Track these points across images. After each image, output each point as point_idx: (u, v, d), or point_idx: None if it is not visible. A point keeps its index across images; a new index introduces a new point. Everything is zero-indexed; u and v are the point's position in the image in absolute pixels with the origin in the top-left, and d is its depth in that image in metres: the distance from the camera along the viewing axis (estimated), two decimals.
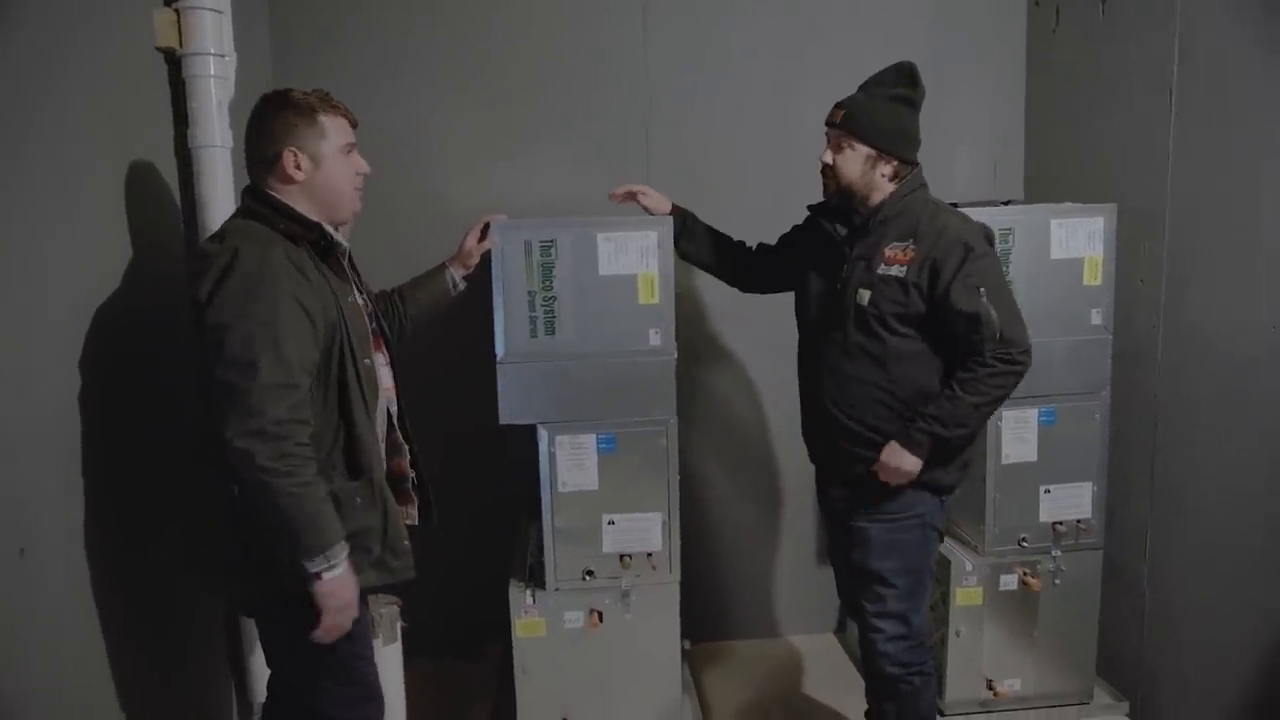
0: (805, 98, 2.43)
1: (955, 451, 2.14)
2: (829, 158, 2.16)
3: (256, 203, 1.76)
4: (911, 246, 2.09)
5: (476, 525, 2.94)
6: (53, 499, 1.70)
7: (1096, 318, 2.52)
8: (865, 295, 2.11)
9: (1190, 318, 2.48)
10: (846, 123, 2.12)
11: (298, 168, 1.75)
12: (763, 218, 2.54)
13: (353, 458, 1.79)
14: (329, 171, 1.79)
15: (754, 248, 2.53)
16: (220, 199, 2.25)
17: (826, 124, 2.18)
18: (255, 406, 1.56)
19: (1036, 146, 3.17)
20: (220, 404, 1.58)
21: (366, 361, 1.83)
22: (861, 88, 2.16)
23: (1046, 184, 3.11)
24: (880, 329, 2.10)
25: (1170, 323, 2.55)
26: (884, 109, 2.12)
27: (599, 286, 2.33)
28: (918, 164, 2.19)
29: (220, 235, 1.72)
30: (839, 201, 2.19)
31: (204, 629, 2.35)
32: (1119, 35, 2.70)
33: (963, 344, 2.07)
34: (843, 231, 2.21)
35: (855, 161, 2.12)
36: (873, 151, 2.11)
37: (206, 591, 2.19)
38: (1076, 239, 2.49)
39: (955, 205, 2.45)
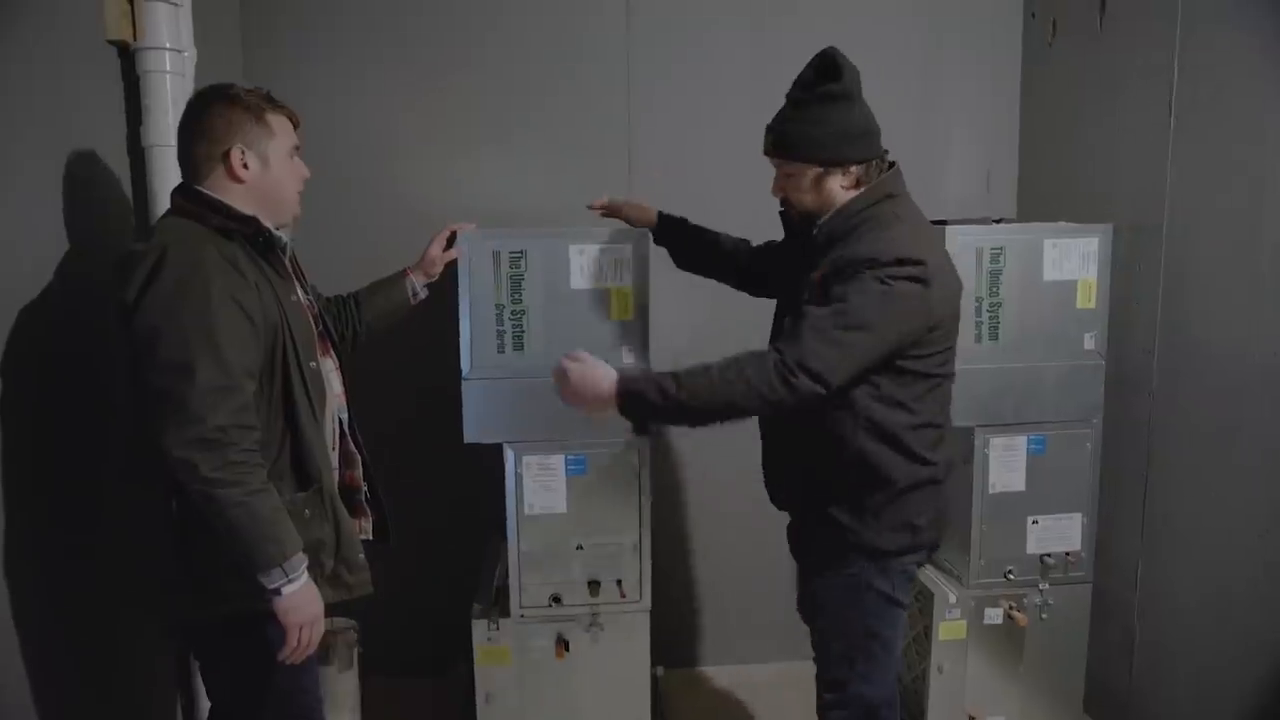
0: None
1: (655, 415, 1.83)
2: (778, 191, 1.90)
3: (187, 200, 1.66)
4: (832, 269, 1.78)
5: (440, 541, 2.83)
6: None
7: (1089, 342, 2.43)
8: (785, 325, 1.87)
9: (1187, 341, 2.39)
10: (778, 148, 1.85)
11: (245, 167, 1.67)
12: (749, 218, 2.43)
13: (300, 466, 1.69)
14: (276, 173, 1.71)
15: (752, 249, 2.29)
16: None
17: (764, 153, 1.90)
18: (194, 413, 1.46)
19: (1030, 161, 3.08)
20: (156, 412, 1.48)
21: (312, 364, 1.74)
22: (787, 97, 1.86)
23: (1040, 199, 3.01)
24: None
25: (1165, 346, 2.45)
26: (811, 115, 1.80)
27: (570, 300, 2.23)
28: (882, 161, 1.85)
29: (149, 236, 1.63)
30: (801, 224, 1.91)
31: (146, 653, 2.23)
32: (1117, 48, 2.60)
33: (783, 330, 1.83)
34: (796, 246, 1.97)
35: (804, 185, 1.84)
36: (817, 169, 1.81)
37: (146, 614, 2.07)
38: (1070, 260, 2.39)
39: (944, 223, 2.37)
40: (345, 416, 1.90)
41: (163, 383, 1.48)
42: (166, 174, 2.13)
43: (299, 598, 1.57)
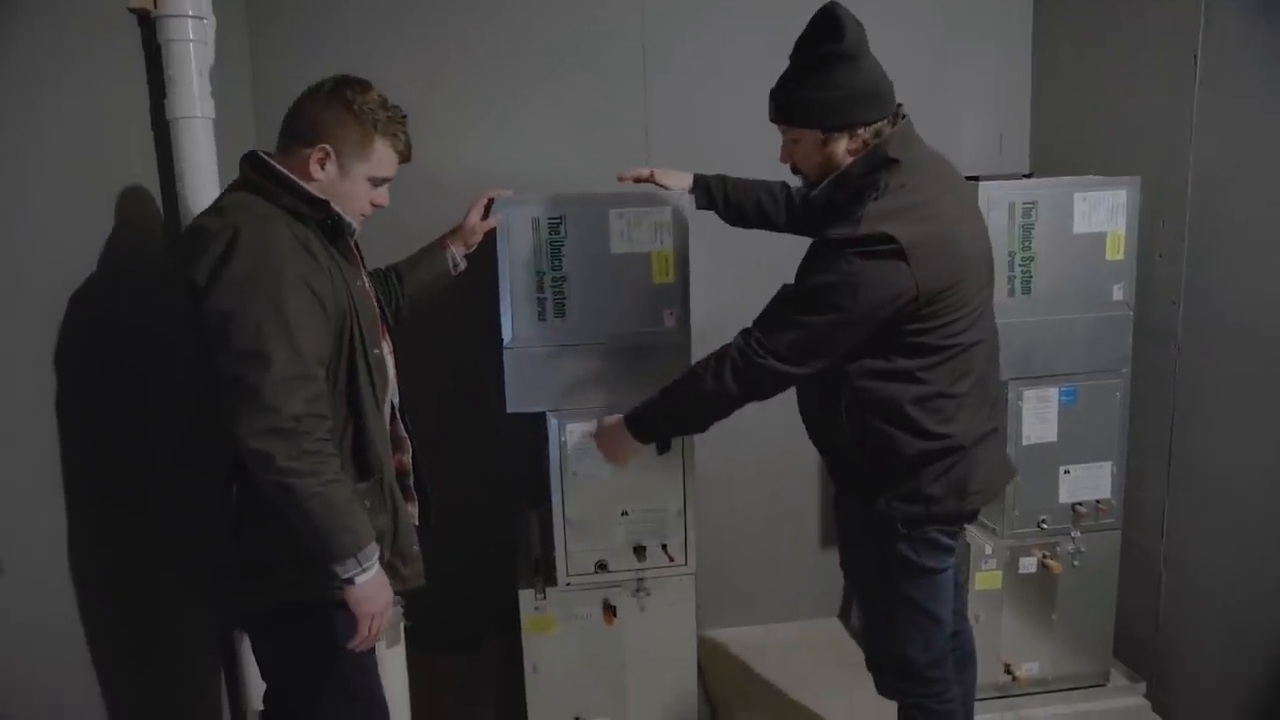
0: None
1: (662, 428, 1.94)
2: (785, 158, 1.87)
3: (258, 174, 1.60)
4: None
5: (472, 514, 2.81)
6: (30, 507, 1.55)
7: (1118, 293, 2.46)
8: None
9: (1211, 293, 2.43)
10: (780, 114, 1.81)
11: (321, 168, 1.62)
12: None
13: (361, 456, 1.66)
14: (348, 188, 1.65)
15: (801, 193, 2.21)
16: (203, 174, 2.09)
17: (770, 119, 1.87)
18: (269, 402, 1.42)
19: (1044, 117, 3.09)
20: (230, 400, 1.43)
21: (376, 351, 1.71)
22: (790, 59, 1.80)
23: (1055, 156, 3.03)
24: None
25: (1190, 299, 2.49)
26: (813, 80, 1.73)
27: (611, 265, 2.21)
28: (890, 117, 1.77)
29: (217, 210, 1.57)
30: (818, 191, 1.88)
31: (194, 641, 2.20)
32: (1139, 2, 2.61)
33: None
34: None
35: (810, 152, 1.79)
36: (822, 135, 1.76)
37: (198, 602, 2.04)
38: (1099, 213, 2.41)
39: (976, 178, 2.38)
40: (396, 400, 1.87)
41: (236, 370, 1.43)
42: (195, 148, 2.08)
43: (371, 587, 1.55)
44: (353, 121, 1.62)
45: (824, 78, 1.72)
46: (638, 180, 2.23)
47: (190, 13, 2.04)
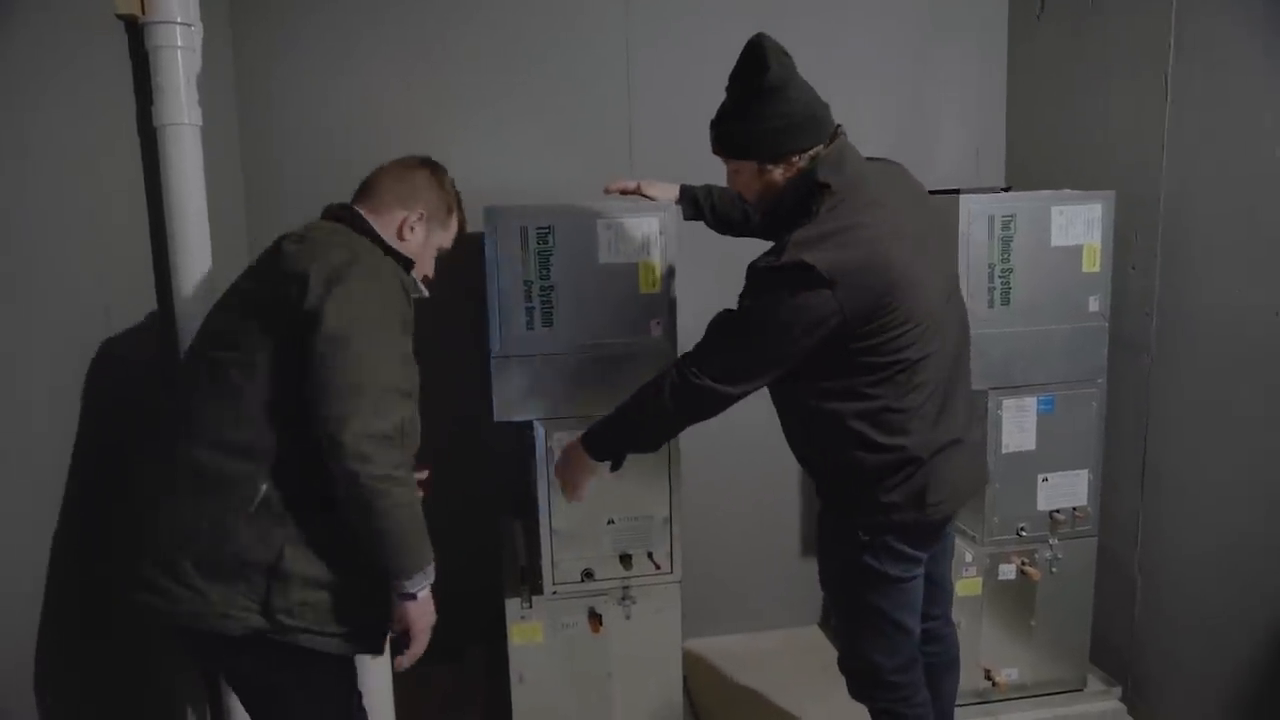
0: None
1: (611, 446, 1.95)
2: (729, 186, 1.93)
3: (355, 221, 1.70)
4: None
5: (457, 524, 2.78)
6: (19, 531, 1.53)
7: (1094, 305, 2.51)
8: None
9: (1183, 305, 2.49)
10: (719, 146, 1.86)
11: (411, 230, 1.76)
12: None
13: None
14: (426, 253, 1.82)
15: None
16: (189, 180, 2.07)
17: (713, 151, 1.90)
18: (382, 410, 1.46)
19: (1019, 133, 3.16)
20: (340, 403, 1.44)
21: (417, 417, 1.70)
22: (725, 91, 1.85)
23: (1029, 173, 3.10)
24: None
25: (1163, 310, 2.55)
26: (744, 112, 1.77)
27: (599, 275, 2.23)
28: (822, 142, 1.78)
29: (328, 233, 1.64)
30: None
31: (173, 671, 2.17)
32: (1110, 20, 2.68)
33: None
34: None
35: (750, 180, 1.84)
36: (756, 165, 1.80)
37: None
38: (1076, 226, 2.47)
39: (956, 192, 2.42)
40: None
41: (352, 379, 1.45)
42: (181, 155, 2.07)
43: (428, 601, 1.63)
44: (442, 194, 1.81)
45: (755, 110, 1.76)
46: (624, 193, 2.25)
47: (178, 19, 2.03)
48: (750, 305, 1.73)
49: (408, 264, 1.73)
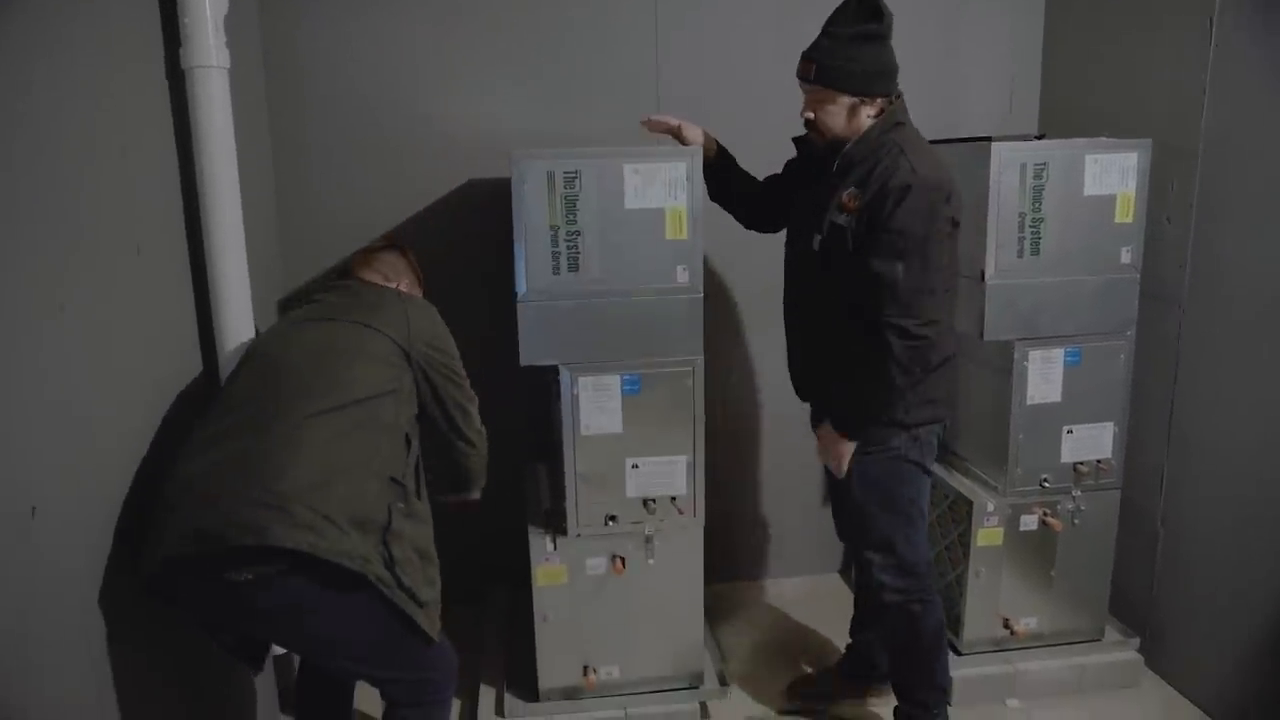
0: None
1: (886, 408, 2.12)
2: (810, 114, 2.10)
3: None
4: (859, 193, 2.04)
5: None
6: (65, 456, 1.57)
7: (1126, 256, 2.48)
8: (817, 240, 2.13)
9: (1218, 258, 2.45)
10: (820, 77, 2.05)
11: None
12: (773, 144, 2.43)
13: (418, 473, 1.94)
14: None
15: (764, 186, 2.44)
16: (218, 123, 2.08)
17: (798, 77, 2.10)
18: (474, 415, 2.10)
19: (1054, 79, 3.09)
20: (461, 411, 2.04)
21: None
22: (824, 32, 2.06)
23: (1064, 118, 3.04)
24: (830, 274, 2.12)
25: (1196, 263, 2.51)
26: (853, 52, 2.02)
27: (625, 221, 2.22)
28: (898, 95, 2.10)
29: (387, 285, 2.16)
30: (827, 148, 2.13)
31: None
32: None
33: (867, 299, 2.03)
34: (814, 171, 2.20)
35: (838, 114, 2.07)
36: (853, 99, 2.05)
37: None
38: (1110, 175, 2.42)
39: (988, 139, 2.38)
40: None
41: (464, 396, 2.06)
42: (210, 98, 2.07)
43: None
44: (414, 270, 2.29)
45: (859, 51, 2.02)
46: (664, 129, 2.32)
47: None
48: (922, 218, 1.96)
49: None
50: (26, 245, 1.46)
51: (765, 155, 2.43)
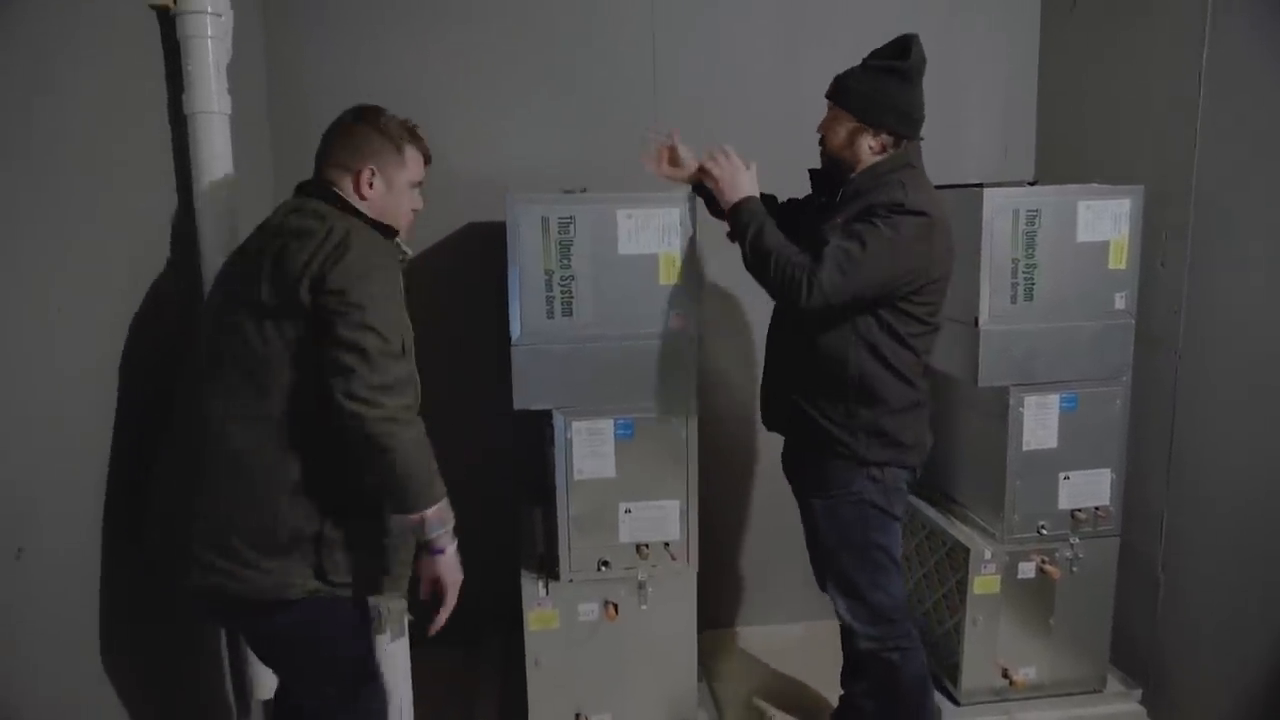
0: (815, 61, 2.37)
1: (735, 234, 2.14)
2: (821, 128, 2.20)
3: (330, 197, 1.76)
4: (853, 216, 2.07)
5: (476, 511, 2.81)
6: (50, 495, 1.57)
7: (1120, 302, 2.48)
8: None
9: (1212, 303, 2.45)
10: (835, 93, 2.16)
11: (370, 186, 1.78)
12: (773, 180, 2.46)
13: None
14: (395, 199, 1.83)
15: (777, 204, 2.42)
16: (218, 167, 2.11)
17: (825, 95, 2.20)
18: (381, 365, 1.58)
19: (1049, 126, 3.12)
20: (344, 362, 1.57)
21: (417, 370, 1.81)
22: (861, 61, 2.15)
23: (1059, 165, 3.06)
24: None
25: (1191, 308, 2.51)
26: (871, 80, 2.10)
27: (619, 265, 2.24)
28: (914, 139, 2.14)
29: (314, 215, 1.69)
30: (827, 168, 2.22)
31: (200, 632, 2.22)
32: (1144, 13, 2.64)
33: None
34: (823, 199, 2.24)
35: (841, 132, 2.13)
36: (857, 123, 2.11)
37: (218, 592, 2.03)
38: (1103, 221, 2.43)
39: (980, 185, 2.40)
40: None
41: (354, 338, 1.57)
42: (211, 143, 2.11)
43: (455, 558, 1.75)
44: (384, 138, 1.80)
45: (878, 83, 2.09)
46: (660, 159, 2.31)
47: (209, 9, 2.07)
48: (870, 237, 1.98)
49: (388, 231, 1.80)
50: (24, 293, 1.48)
51: (766, 187, 2.45)
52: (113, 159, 1.84)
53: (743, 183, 2.16)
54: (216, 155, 2.11)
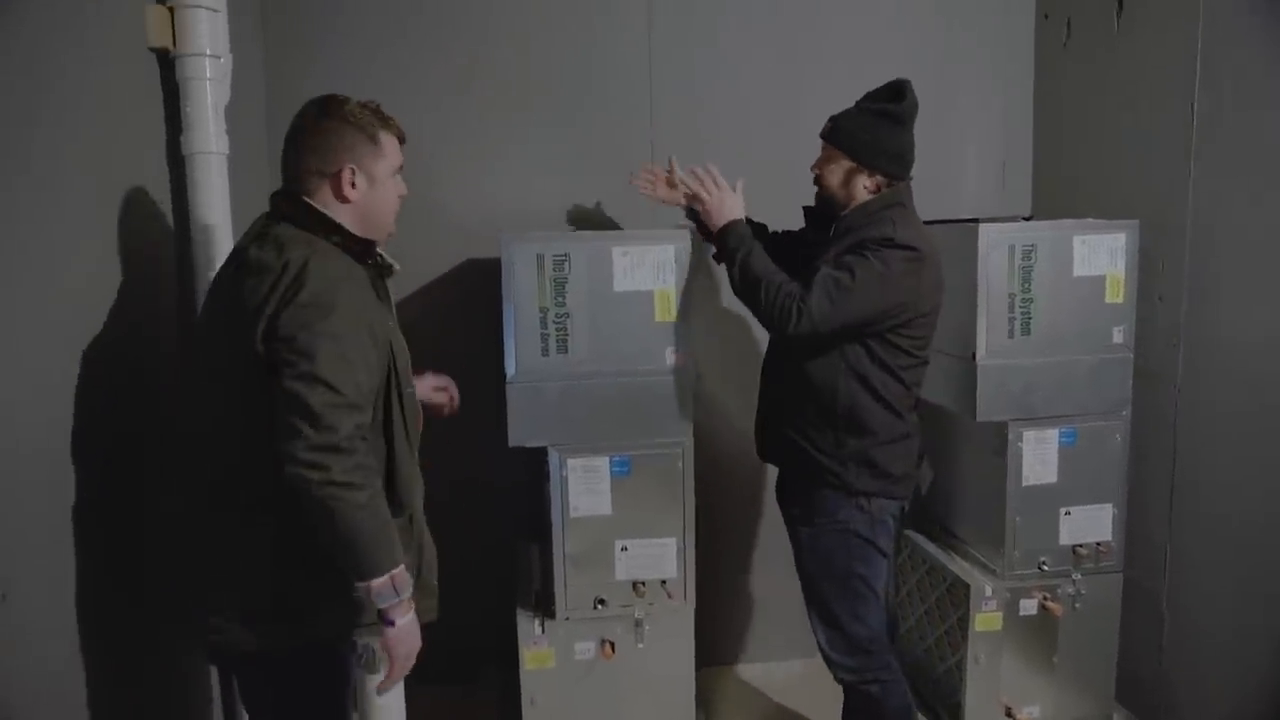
0: (812, 102, 2.38)
1: (724, 258, 2.19)
2: (815, 168, 2.24)
3: (300, 212, 1.62)
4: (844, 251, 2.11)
5: (473, 547, 2.82)
6: (36, 540, 1.58)
7: (1118, 336, 2.47)
8: None
9: (1211, 335, 2.44)
10: (830, 134, 2.20)
11: (353, 186, 1.64)
12: (767, 218, 2.47)
13: (394, 492, 1.67)
14: (381, 192, 1.69)
15: (774, 236, 2.48)
16: (216, 208, 2.14)
17: (820, 135, 2.23)
18: (327, 422, 1.45)
19: (1045, 160, 3.13)
20: (288, 417, 1.45)
21: (410, 389, 1.73)
22: (856, 103, 2.20)
23: (1056, 199, 3.07)
24: None
25: (1190, 341, 2.50)
26: (865, 122, 2.15)
27: (614, 303, 2.24)
28: (905, 179, 2.18)
29: (274, 244, 1.56)
30: (821, 207, 2.25)
31: (190, 683, 2.21)
32: (1136, 48, 2.66)
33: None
34: (817, 235, 2.26)
35: (837, 172, 2.18)
36: (852, 163, 2.15)
37: (205, 640, 2.02)
38: (1099, 256, 2.44)
39: (975, 221, 2.41)
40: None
41: (298, 390, 1.45)
42: (209, 183, 2.13)
43: (409, 629, 1.59)
44: (355, 130, 1.64)
45: (872, 125, 2.14)
46: (656, 189, 2.39)
47: (208, 52, 2.10)
48: (860, 269, 2.02)
49: (366, 245, 1.66)
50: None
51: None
52: (111, 198, 1.87)
53: (729, 206, 2.20)
54: (214, 196, 2.13)
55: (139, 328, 1.94)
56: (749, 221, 2.37)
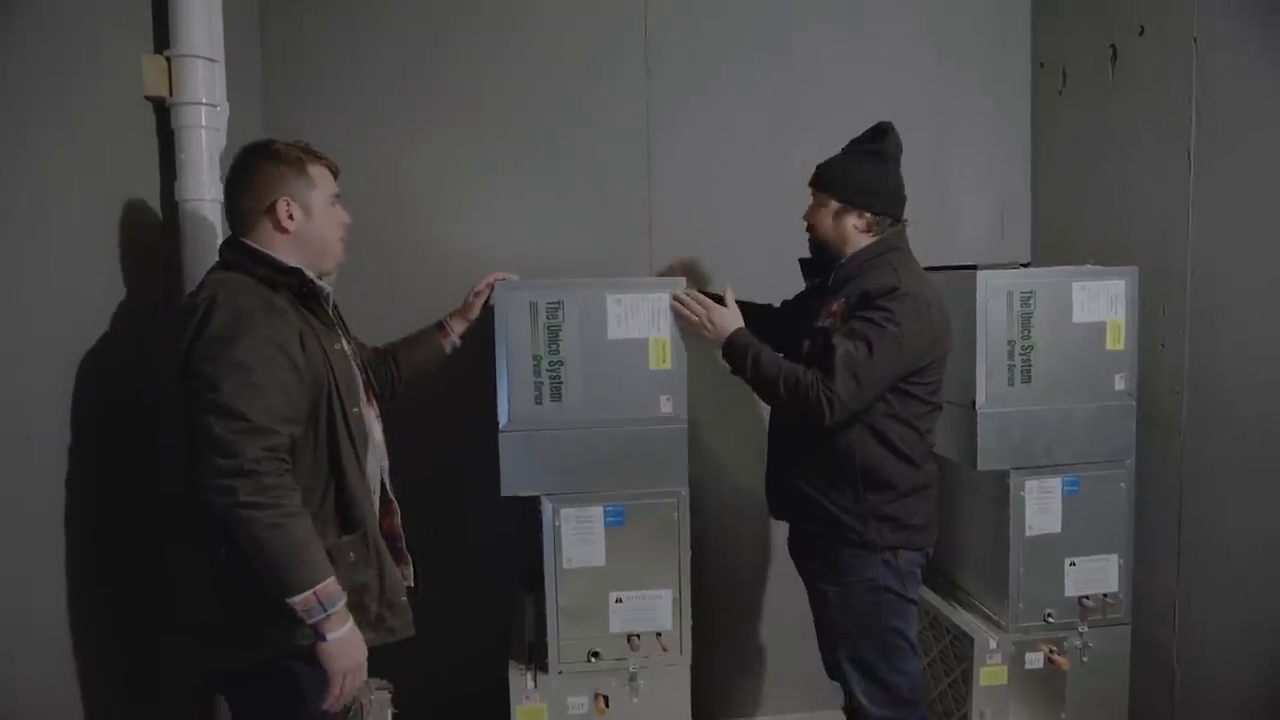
0: (807, 151, 2.38)
1: (737, 372, 2.16)
2: (807, 216, 2.25)
3: (233, 253, 1.71)
4: (846, 302, 2.10)
5: (465, 598, 2.77)
6: (33, 581, 1.56)
7: (1120, 383, 2.44)
8: (805, 346, 2.15)
9: (1215, 382, 2.41)
10: (816, 180, 2.22)
11: (290, 217, 1.72)
12: (764, 269, 2.46)
13: (345, 511, 1.72)
14: (319, 221, 1.77)
15: (778, 314, 2.49)
16: (208, 254, 2.11)
17: (809, 184, 2.25)
18: (232, 448, 1.51)
19: (1044, 208, 3.12)
20: (197, 448, 1.53)
21: (355, 410, 1.76)
22: (842, 149, 2.23)
23: (1055, 246, 3.05)
24: None
25: (1193, 387, 2.47)
26: (850, 163, 2.18)
27: (608, 350, 2.22)
28: (898, 221, 2.18)
29: (199, 288, 1.67)
30: (816, 255, 2.26)
31: (179, 701, 2.17)
32: (1131, 95, 2.66)
33: (814, 358, 2.08)
34: (816, 281, 2.27)
35: (826, 216, 2.18)
36: (839, 205, 2.16)
37: (188, 663, 2.02)
38: (1098, 302, 2.41)
39: (974, 268, 2.39)
40: (385, 464, 1.93)
41: (204, 421, 1.52)
42: (200, 230, 2.12)
43: (344, 644, 1.61)
44: (283, 165, 1.73)
45: (857, 165, 2.17)
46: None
47: (204, 100, 2.11)
48: (878, 339, 1.99)
49: (293, 275, 1.70)
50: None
51: (755, 277, 2.46)
52: (104, 243, 1.88)
53: (722, 321, 2.18)
54: (204, 241, 2.12)
55: (129, 370, 1.92)
56: (757, 307, 2.41)
